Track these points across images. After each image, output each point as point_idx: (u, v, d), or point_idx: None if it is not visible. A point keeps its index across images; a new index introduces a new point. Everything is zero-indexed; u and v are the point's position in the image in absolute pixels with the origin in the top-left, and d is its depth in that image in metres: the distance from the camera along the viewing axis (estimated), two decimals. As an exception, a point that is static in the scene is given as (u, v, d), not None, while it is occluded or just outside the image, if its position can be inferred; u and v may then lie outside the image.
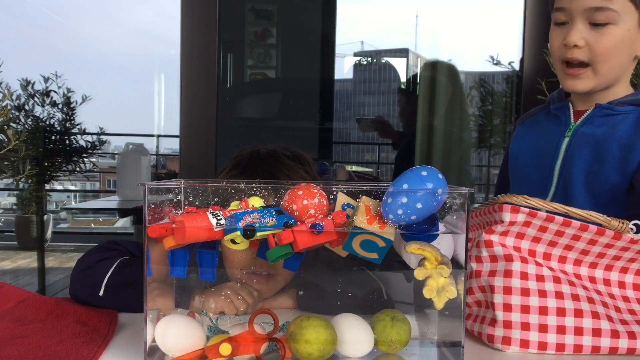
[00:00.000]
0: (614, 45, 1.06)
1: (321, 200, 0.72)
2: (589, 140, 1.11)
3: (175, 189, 0.76)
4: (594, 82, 1.10)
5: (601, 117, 1.12)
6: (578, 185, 1.11)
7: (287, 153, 1.08)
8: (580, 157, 1.12)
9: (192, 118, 2.11)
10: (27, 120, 3.72)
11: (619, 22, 1.05)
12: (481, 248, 0.88)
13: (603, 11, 1.05)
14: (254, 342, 0.72)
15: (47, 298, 0.97)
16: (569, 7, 1.07)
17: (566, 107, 1.18)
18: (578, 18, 1.07)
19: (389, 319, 0.74)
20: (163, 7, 10.42)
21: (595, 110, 1.13)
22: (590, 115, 1.13)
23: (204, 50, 2.09)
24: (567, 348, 0.84)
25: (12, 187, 5.49)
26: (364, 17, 5.87)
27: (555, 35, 1.12)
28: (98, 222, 9.01)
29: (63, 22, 11.17)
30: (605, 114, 1.11)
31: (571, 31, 1.07)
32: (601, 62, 1.07)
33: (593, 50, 1.07)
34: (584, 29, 1.07)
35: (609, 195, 1.08)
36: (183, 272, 0.74)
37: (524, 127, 1.28)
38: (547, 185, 1.16)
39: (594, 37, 1.06)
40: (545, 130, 1.21)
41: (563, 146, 1.15)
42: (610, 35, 1.06)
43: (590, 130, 1.12)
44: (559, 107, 1.20)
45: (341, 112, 4.87)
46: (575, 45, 1.07)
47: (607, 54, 1.07)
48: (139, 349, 0.74)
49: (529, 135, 1.25)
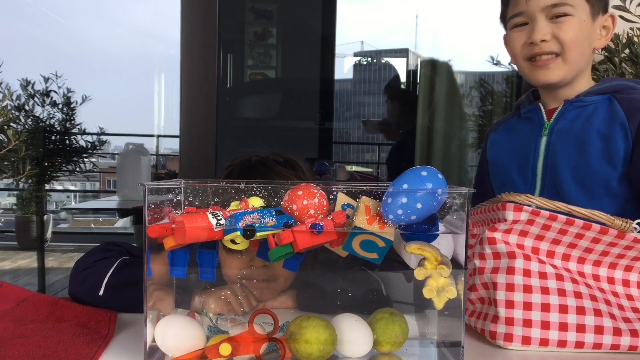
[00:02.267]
0: (577, 33, 1.12)
1: (321, 200, 0.72)
2: (568, 135, 1.15)
3: (175, 189, 0.76)
4: (564, 71, 1.14)
5: (573, 111, 1.16)
6: (567, 181, 1.13)
7: (278, 159, 1.07)
8: (564, 153, 1.15)
9: (192, 118, 2.11)
10: (27, 120, 3.72)
11: (575, 14, 1.11)
12: (484, 245, 0.88)
13: (561, 6, 1.11)
14: (254, 342, 0.72)
15: (47, 297, 0.97)
16: (526, 9, 1.13)
17: (537, 108, 1.22)
18: (538, 16, 1.12)
19: (388, 315, 0.75)
20: (163, 7, 10.42)
21: (565, 106, 1.17)
22: (561, 110, 1.17)
23: (204, 50, 2.09)
24: (569, 345, 0.84)
25: (12, 187, 5.49)
26: (364, 17, 5.87)
27: (516, 37, 1.17)
28: (98, 222, 9.02)
29: (63, 22, 11.20)
30: (576, 107, 1.16)
31: (535, 29, 1.12)
32: (569, 50, 1.12)
33: (560, 40, 1.12)
34: (545, 24, 1.12)
35: (601, 186, 1.11)
36: (183, 272, 0.74)
37: (498, 134, 1.32)
38: (531, 185, 1.18)
39: (558, 29, 1.12)
40: (520, 133, 1.25)
41: (542, 145, 1.18)
42: (571, 24, 1.12)
43: (567, 126, 1.16)
44: (530, 110, 1.24)
45: (341, 112, 4.88)
46: (543, 40, 1.12)
47: (573, 42, 1.12)
48: (139, 349, 0.74)
49: (504, 140, 1.29)
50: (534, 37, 1.12)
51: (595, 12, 1.14)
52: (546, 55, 1.13)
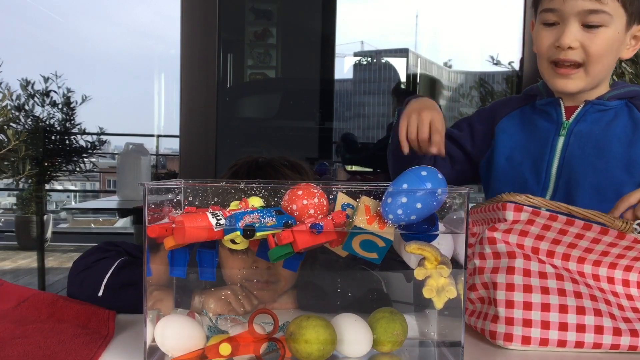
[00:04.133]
0: (607, 46, 1.07)
1: (321, 200, 0.72)
2: (588, 138, 1.12)
3: (175, 189, 0.76)
4: (584, 83, 1.10)
5: (593, 114, 1.13)
6: (582, 185, 1.11)
7: (285, 163, 1.07)
8: (583, 156, 1.11)
9: (192, 118, 2.11)
10: (27, 120, 3.72)
11: (611, 24, 1.06)
12: (484, 245, 0.88)
13: (597, 14, 1.05)
14: (253, 342, 0.72)
15: (47, 296, 0.97)
16: (561, 8, 1.07)
17: (557, 103, 1.17)
18: (571, 20, 1.06)
19: (388, 315, 0.75)
20: (163, 7, 10.42)
21: (586, 107, 1.13)
22: (582, 112, 1.14)
23: (204, 50, 2.09)
24: (569, 345, 0.84)
25: (12, 187, 5.49)
26: (364, 17, 5.88)
27: (544, 35, 1.11)
28: (98, 222, 9.02)
29: (63, 22, 11.21)
30: (597, 109, 1.13)
31: (565, 33, 1.06)
32: (594, 63, 1.08)
33: (587, 52, 1.07)
34: (577, 30, 1.06)
35: (614, 192, 1.08)
36: (183, 272, 0.74)
37: (512, 121, 1.25)
38: (544, 186, 1.15)
39: (588, 39, 1.06)
40: (537, 128, 1.20)
41: (559, 145, 1.14)
42: (603, 37, 1.06)
43: (587, 128, 1.13)
44: (548, 103, 1.18)
45: (341, 112, 4.87)
46: (569, 47, 1.06)
47: (600, 56, 1.07)
48: (139, 349, 0.74)
49: (518, 132, 1.22)
50: (562, 40, 1.06)
51: (630, 22, 1.09)
52: (569, 63, 1.09)
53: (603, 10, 1.05)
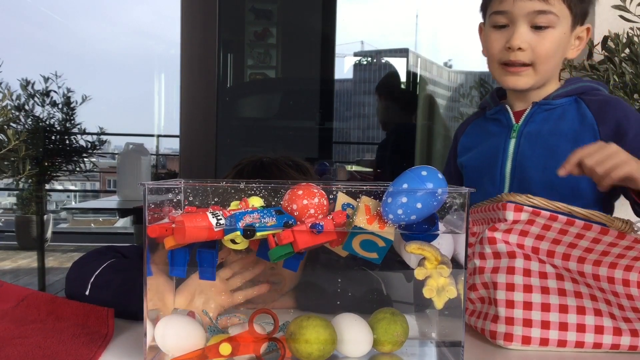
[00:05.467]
0: (554, 47, 1.11)
1: (321, 200, 0.71)
2: (537, 138, 1.15)
3: (175, 189, 0.76)
4: (533, 80, 1.14)
5: (541, 114, 1.16)
6: (535, 184, 1.13)
7: (289, 162, 1.08)
8: (533, 156, 1.15)
9: (192, 118, 2.11)
10: (27, 120, 3.72)
11: (558, 25, 1.11)
12: (484, 245, 0.88)
13: (545, 15, 1.09)
14: (254, 342, 0.72)
15: (45, 295, 0.97)
16: (511, 10, 1.10)
17: (504, 110, 1.22)
18: (521, 21, 1.10)
19: (389, 315, 0.75)
20: (163, 7, 10.42)
21: (534, 108, 1.17)
22: (530, 113, 1.17)
23: (204, 50, 2.09)
24: (569, 344, 0.84)
25: (12, 187, 5.49)
26: (364, 17, 5.86)
27: (495, 38, 1.15)
28: (98, 222, 9.02)
29: (63, 22, 11.19)
30: (544, 109, 1.16)
31: (515, 34, 1.10)
32: (542, 64, 1.12)
33: (536, 53, 1.11)
34: (526, 32, 1.10)
35: (569, 189, 1.11)
36: (183, 271, 0.74)
37: (467, 137, 1.31)
38: (500, 188, 1.18)
39: (537, 40, 1.10)
40: (489, 135, 1.25)
41: (510, 147, 1.18)
42: (551, 38, 1.10)
43: (536, 128, 1.16)
44: (497, 111, 1.24)
45: (341, 112, 4.88)
46: (519, 48, 1.10)
47: (548, 56, 1.12)
48: (139, 349, 0.74)
49: (474, 143, 1.28)
50: (512, 42, 1.10)
51: (575, 22, 1.14)
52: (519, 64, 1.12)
53: (551, 11, 1.09)
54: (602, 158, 0.89)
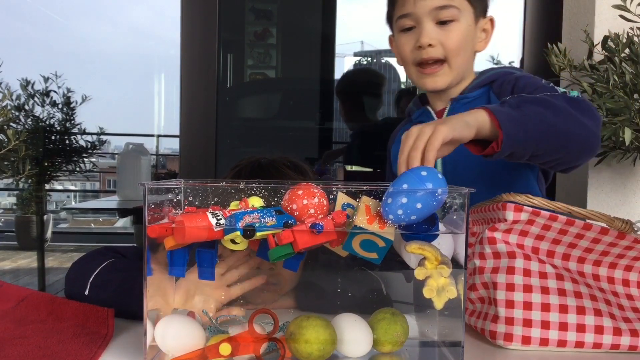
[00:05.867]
0: (462, 39, 1.15)
1: (321, 200, 0.71)
2: None
3: (175, 189, 0.76)
4: (450, 77, 1.17)
5: (460, 108, 1.18)
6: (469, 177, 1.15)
7: (287, 163, 1.08)
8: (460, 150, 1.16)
9: (192, 118, 2.11)
10: (27, 120, 3.72)
11: (461, 18, 1.14)
12: (484, 245, 0.88)
13: (447, 9, 1.13)
14: (253, 342, 0.72)
15: (45, 295, 0.97)
16: (414, 11, 1.14)
17: (426, 111, 1.26)
18: (425, 19, 1.13)
19: (390, 315, 0.75)
20: (163, 7, 10.38)
21: (452, 105, 1.20)
22: (449, 110, 1.21)
23: (204, 50, 2.09)
24: (569, 344, 0.84)
25: (12, 187, 5.49)
26: (364, 17, 5.88)
27: (404, 41, 1.18)
28: (98, 222, 9.01)
29: (63, 22, 11.18)
30: (462, 104, 1.19)
31: (422, 32, 1.14)
32: (454, 57, 1.15)
33: (446, 47, 1.14)
34: (432, 28, 1.14)
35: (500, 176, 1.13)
36: (182, 271, 0.74)
37: (397, 144, 1.31)
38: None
39: (444, 35, 1.14)
40: None
41: None
42: (457, 31, 1.14)
43: None
44: (420, 115, 1.27)
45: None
46: (429, 45, 1.13)
47: (458, 49, 1.15)
48: (139, 349, 0.74)
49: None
50: (421, 40, 1.13)
51: (477, 15, 1.17)
52: (433, 61, 1.15)
53: (451, 5, 1.13)
54: (411, 144, 0.82)
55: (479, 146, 0.91)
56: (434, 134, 0.80)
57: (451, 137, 0.82)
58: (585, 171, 1.65)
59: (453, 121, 0.84)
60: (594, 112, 0.98)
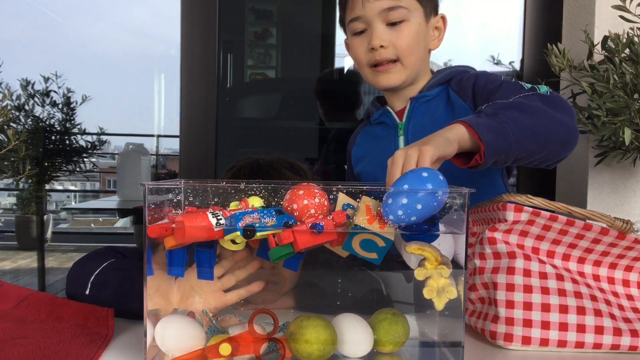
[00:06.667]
0: (413, 39, 1.16)
1: (321, 200, 0.71)
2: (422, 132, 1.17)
3: (175, 189, 0.76)
4: (404, 75, 1.18)
5: (420, 107, 1.20)
6: None
7: (285, 164, 1.09)
8: None
9: (192, 118, 2.11)
10: (27, 120, 3.72)
11: (411, 18, 1.15)
12: (484, 245, 0.88)
13: (396, 10, 1.14)
14: (254, 342, 0.72)
15: (45, 295, 0.97)
16: (363, 14, 1.15)
17: (386, 112, 1.26)
18: (375, 21, 1.15)
19: (391, 316, 0.75)
20: (163, 7, 10.33)
21: (412, 104, 1.21)
22: (410, 109, 1.22)
23: (204, 50, 2.09)
24: (569, 345, 0.84)
25: (12, 187, 5.49)
26: (364, 17, 5.86)
27: (357, 44, 1.19)
28: (98, 222, 9.01)
29: (63, 22, 11.19)
30: (422, 102, 1.20)
31: (373, 34, 1.15)
32: (407, 56, 1.16)
33: (397, 47, 1.15)
34: (383, 30, 1.15)
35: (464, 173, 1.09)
36: (181, 271, 0.74)
37: (358, 147, 1.34)
38: None
39: (395, 36, 1.15)
40: (378, 138, 1.28)
41: (401, 144, 1.22)
42: (408, 31, 1.15)
43: (418, 123, 1.20)
44: (380, 115, 1.27)
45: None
46: (381, 46, 1.14)
47: (410, 48, 1.16)
48: (139, 349, 0.74)
49: (365, 150, 1.31)
50: (372, 42, 1.14)
51: (427, 13, 1.18)
52: (386, 61, 1.16)
53: (400, 6, 1.14)
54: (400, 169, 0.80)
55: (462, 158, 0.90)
56: (421, 156, 0.79)
57: (437, 156, 0.81)
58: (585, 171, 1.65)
59: (435, 140, 0.83)
60: (567, 106, 0.99)
